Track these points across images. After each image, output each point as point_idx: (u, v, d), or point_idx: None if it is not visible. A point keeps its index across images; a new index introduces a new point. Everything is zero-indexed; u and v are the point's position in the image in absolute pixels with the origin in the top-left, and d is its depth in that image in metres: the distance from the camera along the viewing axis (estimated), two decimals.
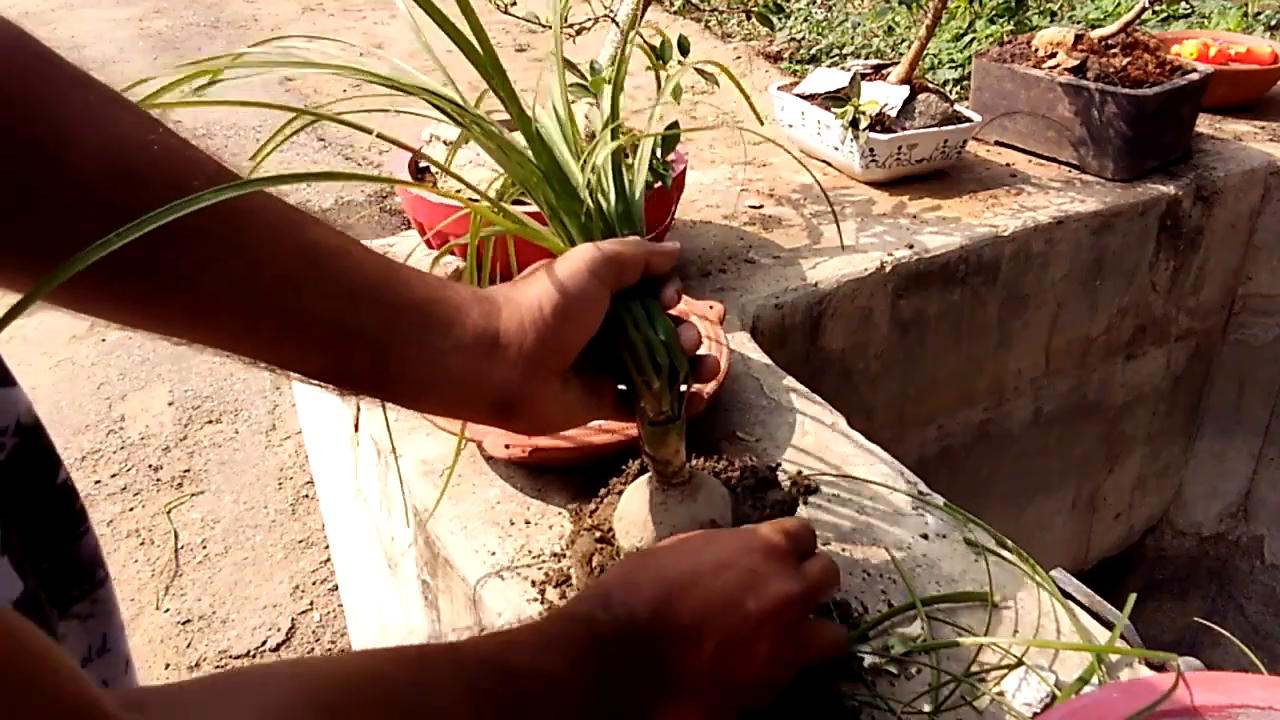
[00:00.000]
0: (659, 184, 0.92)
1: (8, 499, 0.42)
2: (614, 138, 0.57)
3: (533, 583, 0.69)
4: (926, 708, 0.58)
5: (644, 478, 0.64)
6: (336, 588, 1.81)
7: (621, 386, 0.60)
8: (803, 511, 0.74)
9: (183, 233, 0.41)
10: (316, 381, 0.50)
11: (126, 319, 0.45)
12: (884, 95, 1.31)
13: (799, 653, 0.54)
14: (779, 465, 0.79)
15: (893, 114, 1.30)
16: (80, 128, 0.41)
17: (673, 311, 0.58)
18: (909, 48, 1.34)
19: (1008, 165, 1.46)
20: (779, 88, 1.43)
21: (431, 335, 0.50)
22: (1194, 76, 1.41)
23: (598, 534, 0.66)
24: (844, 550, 0.71)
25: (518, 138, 0.57)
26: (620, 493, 0.68)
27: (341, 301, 0.48)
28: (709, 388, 0.75)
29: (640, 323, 0.56)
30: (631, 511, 0.63)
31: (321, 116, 0.49)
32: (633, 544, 0.62)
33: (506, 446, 0.73)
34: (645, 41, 0.91)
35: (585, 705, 0.45)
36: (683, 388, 0.60)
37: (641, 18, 0.96)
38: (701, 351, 0.59)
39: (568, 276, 0.53)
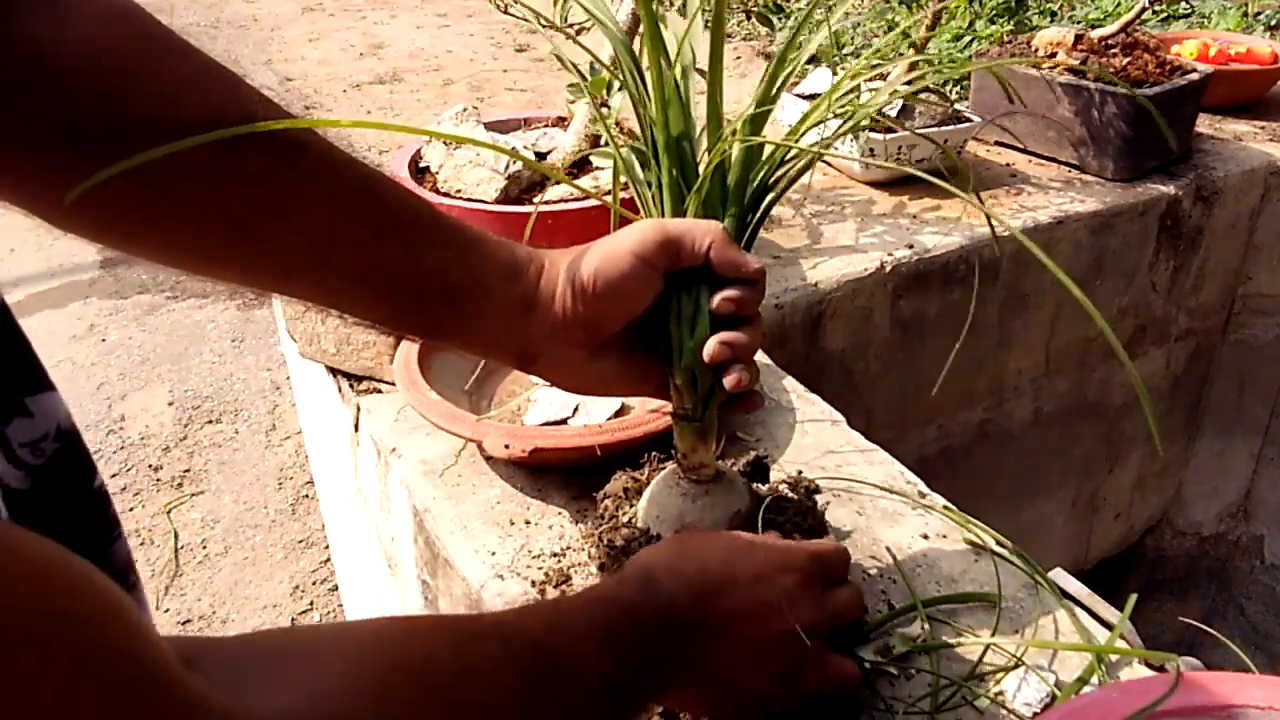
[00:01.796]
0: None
1: (48, 503, 0.42)
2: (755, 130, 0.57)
3: (533, 583, 0.68)
4: (926, 708, 0.58)
5: (673, 464, 0.64)
6: (336, 588, 1.81)
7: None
8: None
9: (274, 183, 0.45)
10: (369, 324, 0.53)
11: (216, 271, 0.48)
12: None
13: (808, 679, 0.55)
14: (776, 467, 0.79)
15: (892, 114, 1.30)
16: (184, 99, 0.43)
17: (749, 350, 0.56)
18: (909, 48, 1.34)
19: (1008, 165, 1.46)
20: None
21: (491, 296, 0.53)
22: (1194, 76, 1.41)
23: (611, 515, 0.66)
24: None
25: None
26: (632, 475, 0.68)
27: (419, 258, 0.51)
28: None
29: (683, 318, 0.55)
30: (655, 494, 0.63)
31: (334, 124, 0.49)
32: (654, 527, 0.62)
33: (506, 446, 0.73)
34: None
35: (611, 688, 0.46)
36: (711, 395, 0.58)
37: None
38: (746, 385, 0.56)
39: (610, 258, 0.53)
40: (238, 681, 0.31)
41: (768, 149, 0.58)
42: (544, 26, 1.04)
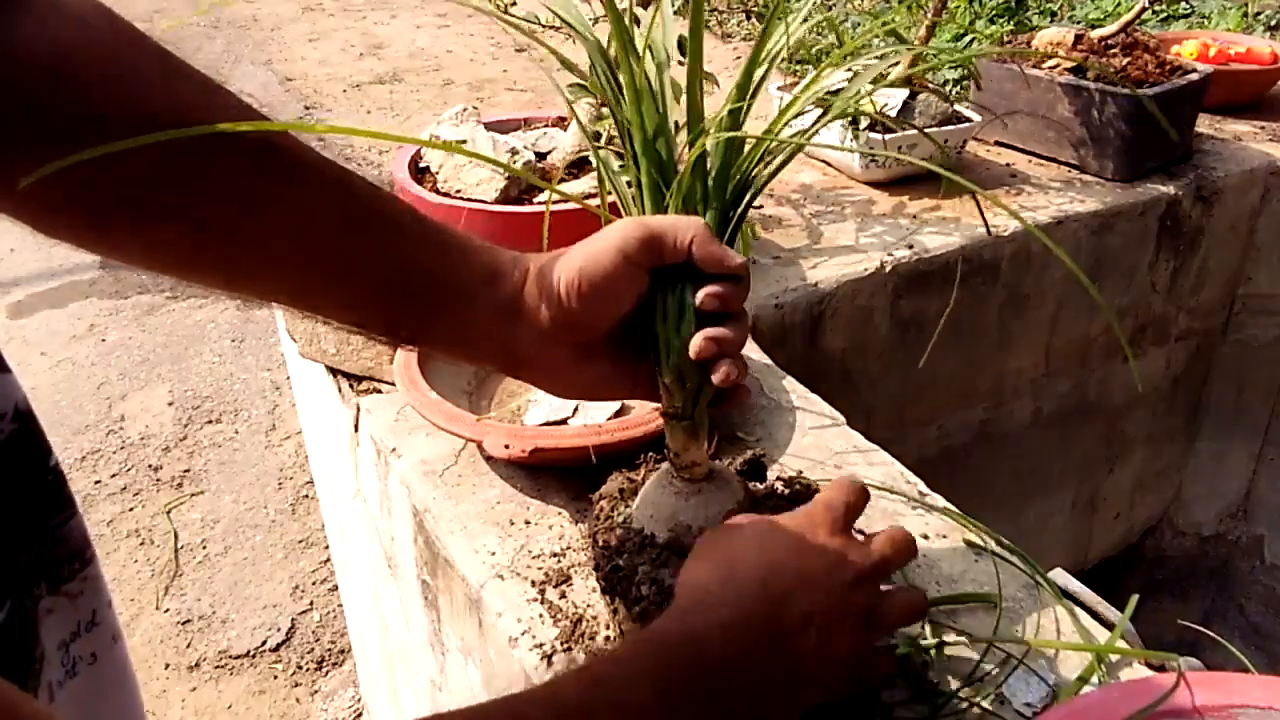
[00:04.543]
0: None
1: (5, 481, 0.43)
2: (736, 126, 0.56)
3: (533, 583, 0.68)
4: (926, 709, 0.58)
5: (666, 464, 0.64)
6: (336, 588, 1.81)
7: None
8: None
9: (248, 185, 0.45)
10: (353, 330, 0.53)
11: (197, 275, 0.48)
12: (883, 95, 1.31)
13: (883, 620, 0.55)
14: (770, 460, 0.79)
15: (892, 114, 1.30)
16: (156, 101, 0.43)
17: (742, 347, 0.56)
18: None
19: (1008, 165, 1.46)
20: (779, 87, 1.43)
21: (476, 301, 0.53)
22: (1194, 76, 1.41)
23: (606, 515, 0.66)
24: None
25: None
26: (628, 475, 0.69)
27: (404, 262, 0.51)
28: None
29: (668, 315, 0.55)
30: (648, 494, 0.63)
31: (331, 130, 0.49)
32: (648, 527, 0.62)
33: (506, 446, 0.73)
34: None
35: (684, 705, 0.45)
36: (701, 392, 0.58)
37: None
38: (734, 379, 0.56)
39: (594, 257, 0.52)
40: None
41: (749, 144, 0.58)
42: (543, 27, 1.04)
